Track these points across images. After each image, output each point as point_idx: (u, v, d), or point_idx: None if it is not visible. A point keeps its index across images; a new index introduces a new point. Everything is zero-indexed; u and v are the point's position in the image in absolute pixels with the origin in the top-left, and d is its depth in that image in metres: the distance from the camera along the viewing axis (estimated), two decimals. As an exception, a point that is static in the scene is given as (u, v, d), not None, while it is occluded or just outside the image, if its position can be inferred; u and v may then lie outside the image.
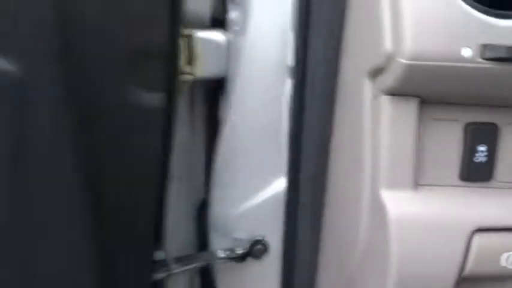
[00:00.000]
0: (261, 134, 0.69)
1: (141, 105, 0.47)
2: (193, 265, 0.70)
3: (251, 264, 0.73)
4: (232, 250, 0.71)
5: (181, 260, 0.72)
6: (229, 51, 0.68)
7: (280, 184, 0.69)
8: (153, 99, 0.49)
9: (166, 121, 0.56)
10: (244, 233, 0.72)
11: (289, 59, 0.64)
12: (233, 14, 0.68)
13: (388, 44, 0.46)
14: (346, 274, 0.62)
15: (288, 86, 0.66)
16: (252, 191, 0.70)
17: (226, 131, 0.70)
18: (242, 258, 0.71)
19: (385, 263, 0.52)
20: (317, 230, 0.66)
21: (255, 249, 0.72)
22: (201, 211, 0.80)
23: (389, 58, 0.46)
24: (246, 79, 0.67)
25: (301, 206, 0.64)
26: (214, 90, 0.76)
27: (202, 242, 0.80)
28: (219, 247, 0.73)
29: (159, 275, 0.67)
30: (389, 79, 0.47)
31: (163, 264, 0.68)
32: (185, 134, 0.72)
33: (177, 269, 0.70)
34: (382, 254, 0.53)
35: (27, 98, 0.38)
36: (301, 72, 0.56)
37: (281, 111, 0.67)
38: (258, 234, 0.71)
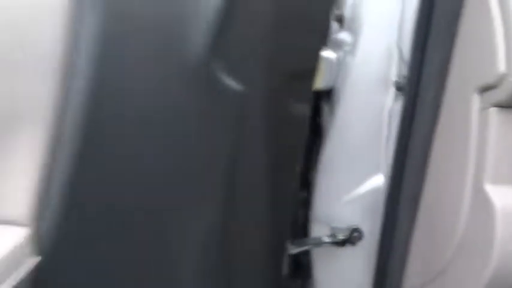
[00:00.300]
0: (363, 138, 0.81)
1: (300, 115, 0.60)
2: (306, 247, 0.83)
3: (345, 249, 0.85)
4: (334, 236, 0.83)
5: (294, 243, 0.85)
6: (339, 67, 0.80)
7: (376, 180, 0.81)
8: (304, 109, 0.62)
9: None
10: (342, 223, 0.84)
11: (393, 73, 0.77)
12: (342, 36, 0.81)
13: (501, 65, 0.57)
14: (438, 264, 0.72)
15: (390, 96, 0.78)
16: (352, 187, 0.82)
17: (331, 134, 0.82)
18: (342, 243, 0.83)
19: (486, 252, 0.60)
20: (413, 223, 0.77)
21: (353, 237, 0.83)
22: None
23: (502, 78, 0.57)
24: (353, 91, 0.79)
25: (402, 201, 0.75)
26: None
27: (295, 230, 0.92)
28: (319, 234, 0.85)
29: (280, 255, 0.79)
30: (500, 95, 0.58)
31: (281, 246, 0.80)
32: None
33: (293, 250, 0.82)
34: (483, 244, 0.61)
35: (244, 110, 0.50)
36: (414, 85, 0.67)
37: (382, 118, 0.79)
38: (354, 223, 0.83)
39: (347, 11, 0.79)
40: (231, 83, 0.49)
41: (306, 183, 0.88)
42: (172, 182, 0.50)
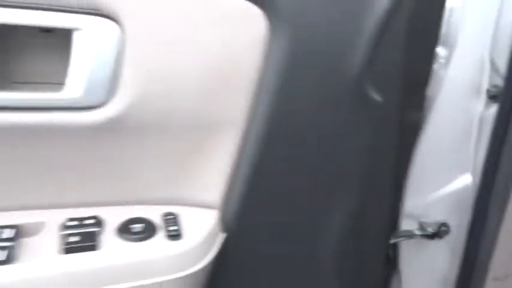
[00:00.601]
0: (453, 140, 0.89)
1: (416, 119, 0.69)
2: (400, 239, 0.92)
3: (431, 243, 0.93)
4: (424, 229, 0.92)
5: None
6: (433, 77, 0.89)
7: (464, 180, 0.90)
8: (419, 114, 0.71)
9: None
10: (430, 218, 0.92)
11: (485, 82, 0.85)
12: (436, 50, 0.90)
13: None
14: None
15: (481, 103, 0.86)
16: (441, 185, 0.91)
17: (423, 137, 0.91)
18: (432, 236, 0.92)
19: None
20: (501, 219, 0.84)
21: (441, 231, 0.92)
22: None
23: None
24: (446, 98, 0.88)
25: (492, 199, 0.83)
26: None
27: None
28: (408, 228, 0.94)
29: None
30: None
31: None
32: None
33: (391, 240, 0.91)
34: None
35: (382, 119, 0.60)
36: (510, 93, 0.75)
37: (472, 123, 0.87)
38: (441, 219, 0.91)
39: (443, 28, 0.88)
40: (375, 96, 0.59)
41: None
42: (329, 176, 0.60)
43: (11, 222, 0.50)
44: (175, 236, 0.52)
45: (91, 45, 0.45)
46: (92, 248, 0.48)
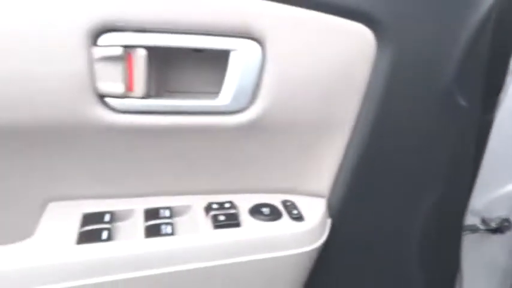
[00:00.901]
0: (517, 141, 0.96)
1: (489, 123, 0.78)
2: (465, 232, 1.00)
3: (491, 238, 1.00)
4: (487, 224, 0.99)
5: (455, 228, 1.02)
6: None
7: (526, 179, 0.96)
8: (492, 117, 0.80)
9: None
10: (491, 214, 0.99)
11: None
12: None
13: None
14: None
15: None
16: (503, 183, 0.98)
17: (490, 137, 0.98)
18: (494, 231, 0.99)
19: None
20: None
21: (503, 226, 0.99)
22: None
23: None
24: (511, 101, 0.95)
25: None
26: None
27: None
28: (470, 223, 1.01)
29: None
30: None
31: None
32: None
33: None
34: None
35: (465, 123, 0.69)
36: None
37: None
38: (502, 215, 0.98)
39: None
40: (462, 101, 0.68)
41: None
42: (421, 173, 0.70)
43: (165, 205, 0.62)
44: (298, 218, 0.62)
45: (241, 62, 0.56)
46: (237, 225, 0.59)
